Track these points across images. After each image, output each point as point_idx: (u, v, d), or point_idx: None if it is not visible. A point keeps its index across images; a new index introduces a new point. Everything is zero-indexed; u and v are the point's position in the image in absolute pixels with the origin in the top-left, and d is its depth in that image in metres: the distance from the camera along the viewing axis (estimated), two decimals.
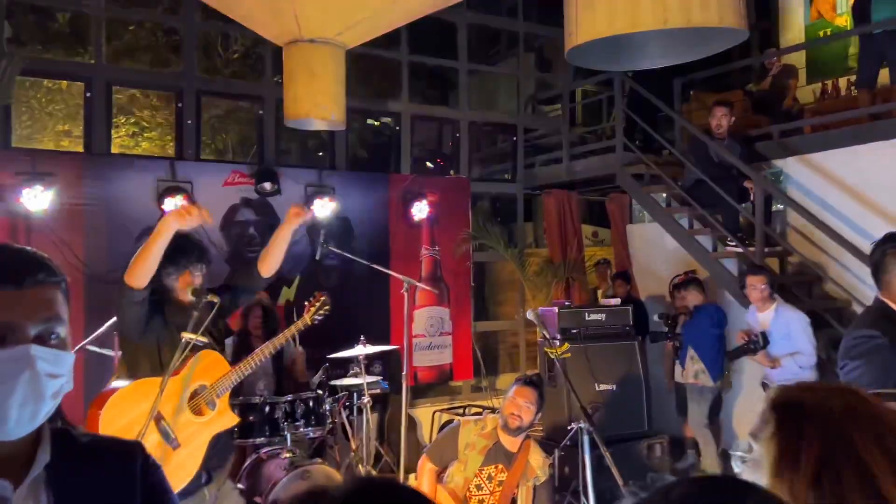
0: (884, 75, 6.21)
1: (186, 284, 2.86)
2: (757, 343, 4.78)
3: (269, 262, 3.14)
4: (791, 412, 1.05)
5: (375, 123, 8.56)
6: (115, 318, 3.04)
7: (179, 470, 2.75)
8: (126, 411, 2.69)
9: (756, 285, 4.92)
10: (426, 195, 6.87)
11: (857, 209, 5.71)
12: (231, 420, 2.96)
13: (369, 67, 7.79)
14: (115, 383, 2.87)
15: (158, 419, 2.72)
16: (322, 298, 3.53)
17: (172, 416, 2.74)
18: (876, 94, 6.17)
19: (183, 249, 2.85)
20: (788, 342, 4.85)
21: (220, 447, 2.94)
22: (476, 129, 8.16)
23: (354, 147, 7.87)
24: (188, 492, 2.78)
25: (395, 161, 7.57)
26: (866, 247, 3.89)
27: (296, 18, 4.13)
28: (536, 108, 8.75)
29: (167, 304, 2.88)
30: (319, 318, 3.46)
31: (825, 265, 5.57)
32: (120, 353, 3.07)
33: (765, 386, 5.03)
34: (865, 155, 5.71)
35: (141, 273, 2.67)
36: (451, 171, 8.01)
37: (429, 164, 8.99)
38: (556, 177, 7.79)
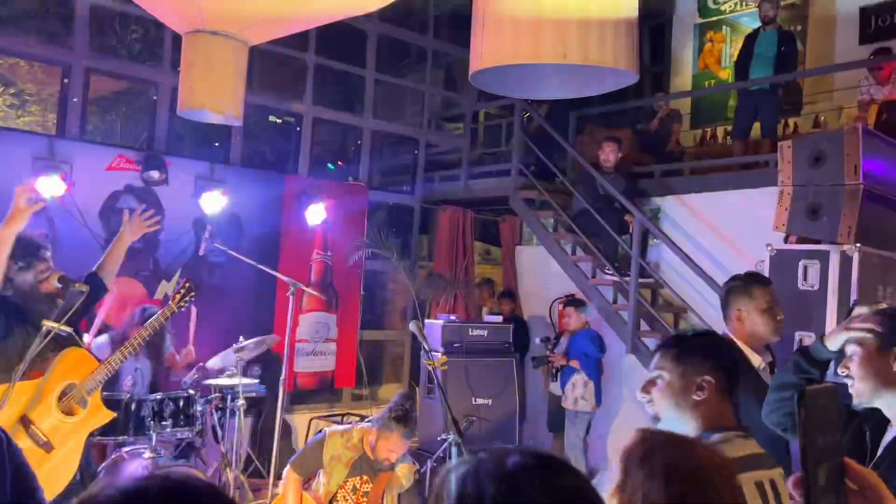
0: (757, 129, 6.78)
1: (46, 272, 2.71)
2: None
3: (109, 270, 3.11)
4: (637, 467, 1.11)
5: (277, 121, 8.40)
6: None
7: (57, 473, 2.65)
8: None
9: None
10: (322, 199, 6.81)
11: (723, 249, 6.16)
12: (106, 416, 2.88)
13: (274, 65, 7.65)
14: None
15: (27, 424, 2.59)
16: (187, 285, 3.56)
17: (41, 419, 2.63)
18: (748, 144, 6.72)
19: (28, 240, 2.73)
20: None
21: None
22: (378, 139, 8.18)
23: (251, 143, 7.69)
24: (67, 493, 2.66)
25: (293, 161, 7.47)
26: None
27: (200, 8, 4.02)
28: (440, 125, 8.89)
29: (28, 300, 2.71)
30: (185, 305, 3.51)
31: (691, 299, 5.97)
32: None
33: None
34: (735, 200, 6.19)
35: None
36: (350, 178, 7.98)
37: (329, 165, 8.92)
38: (454, 194, 7.95)
